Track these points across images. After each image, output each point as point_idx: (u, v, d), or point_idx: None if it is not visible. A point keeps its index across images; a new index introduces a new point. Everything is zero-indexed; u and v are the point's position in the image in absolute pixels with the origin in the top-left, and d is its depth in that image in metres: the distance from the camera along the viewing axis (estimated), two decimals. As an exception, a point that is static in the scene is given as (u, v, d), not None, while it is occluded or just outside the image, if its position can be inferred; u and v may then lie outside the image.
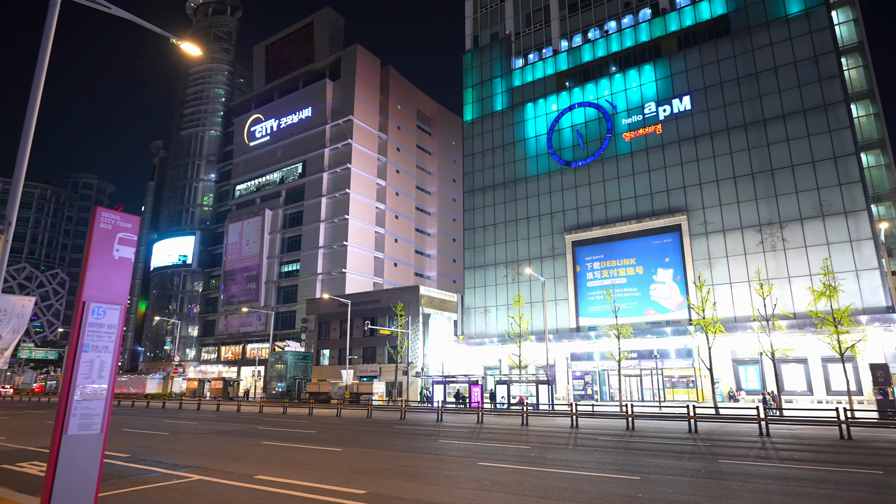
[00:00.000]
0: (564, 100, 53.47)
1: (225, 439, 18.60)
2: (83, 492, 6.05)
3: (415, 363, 52.19)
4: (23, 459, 13.66)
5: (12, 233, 10.34)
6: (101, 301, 6.40)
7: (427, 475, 11.53)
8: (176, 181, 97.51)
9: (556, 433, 21.38)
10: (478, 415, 28.28)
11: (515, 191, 54.70)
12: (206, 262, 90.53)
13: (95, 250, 6.43)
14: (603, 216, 48.78)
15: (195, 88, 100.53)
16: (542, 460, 13.72)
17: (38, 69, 10.44)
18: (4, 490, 9.15)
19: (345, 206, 73.28)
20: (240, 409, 38.33)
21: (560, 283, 49.77)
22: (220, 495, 9.41)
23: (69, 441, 5.97)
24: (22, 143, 10.18)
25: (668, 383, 43.08)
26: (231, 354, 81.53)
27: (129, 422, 26.55)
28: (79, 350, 6.18)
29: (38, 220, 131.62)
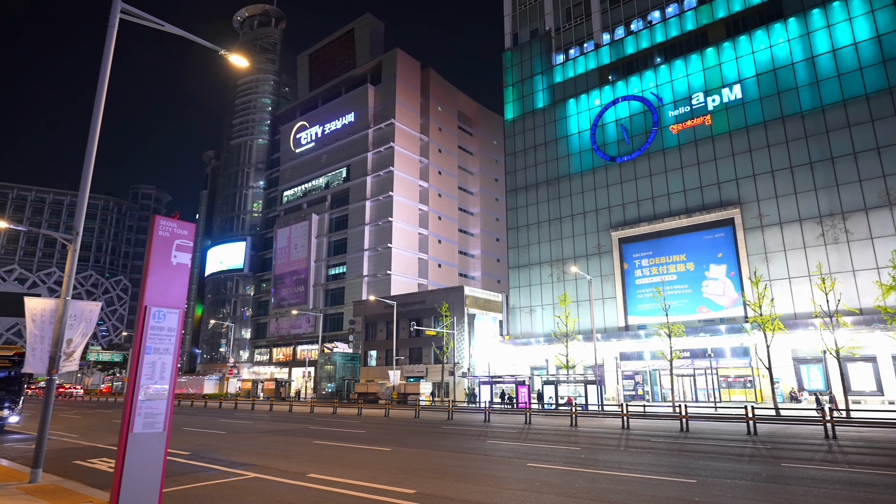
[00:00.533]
0: (608, 94, 52.39)
1: (278, 438, 19.13)
2: (148, 487, 6.35)
3: (461, 363, 52.25)
4: (93, 456, 14.46)
5: (79, 242, 10.96)
6: (160, 305, 6.71)
7: (476, 475, 11.52)
8: (227, 189, 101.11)
9: (606, 434, 20.95)
10: (525, 415, 28.04)
11: (559, 188, 53.97)
12: (257, 266, 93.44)
13: (155, 257, 6.74)
14: (650, 212, 47.50)
15: (243, 99, 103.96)
16: (593, 462, 13.47)
17: (99, 87, 11.02)
18: (78, 485, 9.70)
19: (388, 208, 74.14)
20: (292, 409, 39.35)
21: (607, 282, 48.77)
22: (274, 493, 9.68)
23: (135, 439, 6.28)
24: (86, 160, 10.78)
25: (723, 383, 41.52)
26: (282, 356, 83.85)
27: (189, 421, 27.68)
28: (142, 352, 6.49)
29: (102, 230, 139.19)
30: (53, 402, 10.41)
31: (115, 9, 11.10)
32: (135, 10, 11.36)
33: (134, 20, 11.40)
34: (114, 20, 11.07)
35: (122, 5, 11.19)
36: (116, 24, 11.10)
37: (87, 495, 8.75)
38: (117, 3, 11.15)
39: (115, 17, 11.08)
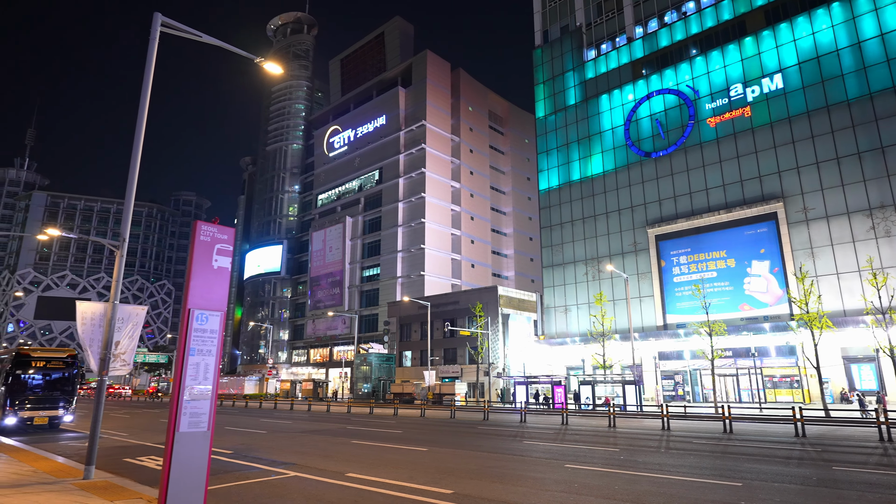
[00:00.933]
0: (641, 88, 51.38)
1: (317, 438, 19.44)
2: (194, 485, 6.55)
3: (496, 364, 52.05)
4: (142, 454, 15.00)
5: (126, 248, 11.40)
6: (203, 308, 6.91)
7: (513, 476, 11.46)
8: (263, 194, 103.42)
9: (645, 435, 20.53)
10: (562, 416, 27.74)
11: (593, 186, 53.21)
12: (294, 269, 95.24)
13: (197, 261, 6.95)
14: (688, 207, 46.34)
15: (277, 105, 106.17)
16: (633, 463, 13.22)
17: (141, 100, 11.42)
18: (128, 481, 10.08)
19: (421, 209, 74.49)
20: (329, 409, 39.95)
21: (644, 280, 47.81)
22: (314, 491, 9.84)
23: (181, 438, 6.49)
24: (131, 170, 11.20)
25: (768, 383, 40.16)
26: (319, 357, 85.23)
27: (231, 420, 28.42)
28: (186, 354, 6.70)
29: (146, 236, 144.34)
30: (104, 402, 10.85)
31: (156, 22, 11.50)
32: (175, 22, 11.74)
33: (174, 32, 11.79)
34: (155, 33, 11.46)
35: (162, 18, 11.58)
36: (157, 36, 11.49)
37: (137, 492, 9.08)
38: (158, 17, 11.55)
39: (156, 29, 11.48)
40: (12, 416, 20.65)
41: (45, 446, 16.42)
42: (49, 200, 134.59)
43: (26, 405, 21.15)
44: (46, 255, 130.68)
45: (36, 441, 18.05)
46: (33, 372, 21.75)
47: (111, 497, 8.61)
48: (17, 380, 21.28)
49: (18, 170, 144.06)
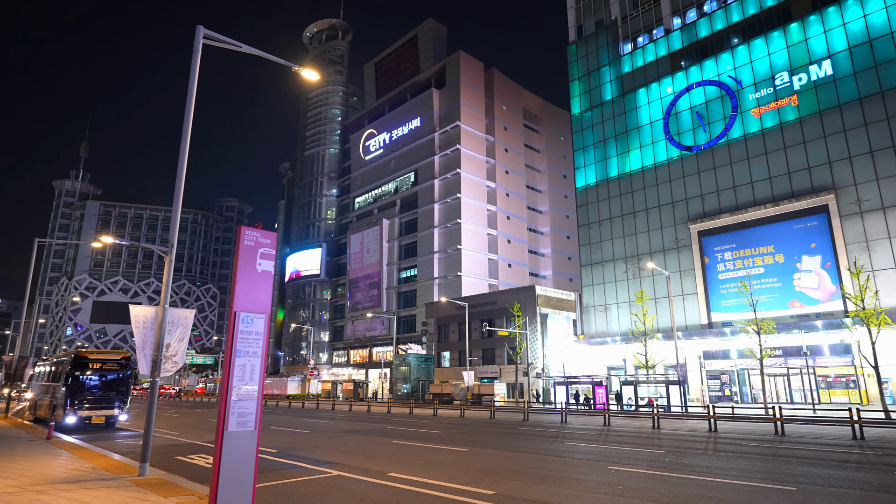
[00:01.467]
0: (681, 81, 50.06)
1: (359, 437, 19.71)
2: (243, 482, 6.74)
3: (535, 364, 51.62)
4: (192, 452, 15.53)
5: (174, 254, 11.82)
6: (248, 311, 7.11)
7: (555, 478, 11.33)
8: (302, 198, 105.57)
9: (691, 437, 19.98)
10: (604, 417, 27.28)
11: (631, 182, 52.15)
12: (333, 271, 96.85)
13: (242, 265, 7.15)
14: (732, 202, 44.87)
15: (314, 111, 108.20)
16: (679, 466, 12.89)
17: (186, 111, 11.83)
18: (180, 479, 10.46)
19: (456, 210, 74.57)
20: (370, 410, 40.43)
21: (687, 277, 46.56)
22: (357, 491, 9.98)
23: (230, 437, 6.69)
24: (177, 180, 11.61)
25: (822, 383, 38.46)
26: (359, 357, 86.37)
27: (275, 420, 29.10)
28: (233, 355, 6.90)
29: (192, 242, 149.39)
30: (157, 402, 11.27)
31: (199, 35, 11.89)
32: (216, 34, 12.11)
33: (215, 44, 12.17)
34: (198, 45, 11.86)
35: (204, 31, 11.97)
36: (200, 48, 11.88)
37: (189, 489, 9.40)
38: (200, 30, 11.94)
39: (199, 42, 11.87)
40: (72, 416, 21.71)
41: (103, 444, 17.19)
42: (102, 209, 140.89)
43: (85, 405, 22.20)
44: (100, 262, 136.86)
45: (94, 439, 18.91)
46: (90, 373, 22.81)
47: (165, 493, 8.94)
48: (76, 381, 22.36)
49: (73, 181, 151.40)
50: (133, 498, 8.64)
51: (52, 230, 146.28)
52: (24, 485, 9.80)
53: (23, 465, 12.21)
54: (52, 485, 9.83)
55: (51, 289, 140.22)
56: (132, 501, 8.37)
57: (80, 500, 8.45)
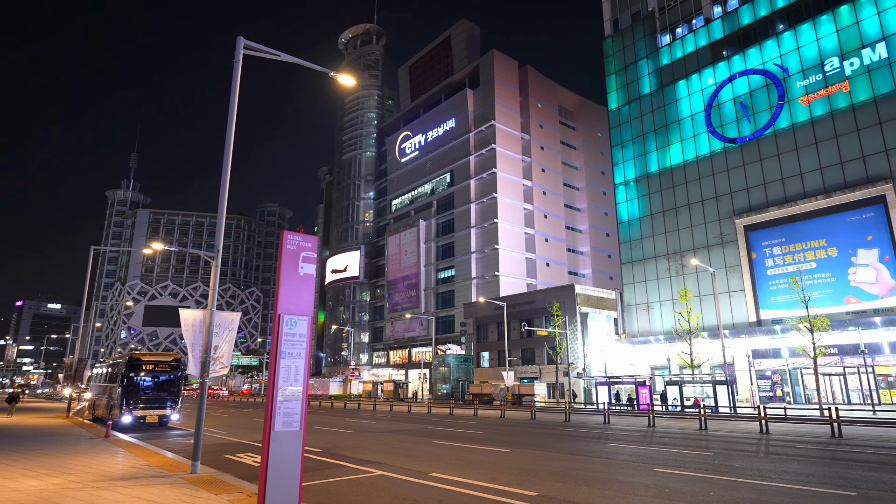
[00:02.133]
0: (723, 71, 48.50)
1: (400, 437, 19.88)
2: (290, 481, 6.90)
3: (575, 364, 50.92)
4: (240, 451, 15.99)
5: (220, 259, 12.20)
6: (292, 313, 7.28)
7: (599, 479, 11.15)
8: (340, 202, 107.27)
9: (741, 439, 19.33)
10: (648, 418, 26.68)
11: (672, 177, 50.82)
12: (371, 273, 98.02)
13: (285, 269, 7.33)
14: (780, 194, 43.17)
15: (351, 115, 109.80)
16: (729, 468, 12.48)
17: (229, 121, 12.18)
18: (230, 477, 10.79)
19: (493, 210, 74.31)
20: (410, 410, 40.71)
21: (733, 273, 45.04)
22: (400, 490, 10.07)
23: (276, 436, 6.86)
24: (222, 188, 11.97)
25: (882, 383, 36.54)
26: (398, 358, 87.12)
27: (318, 420, 29.66)
28: (278, 357, 7.08)
29: (235, 246, 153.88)
30: (206, 402, 11.66)
31: (240, 46, 12.25)
32: (256, 45, 12.45)
33: (255, 54, 12.50)
34: (238, 56, 12.21)
35: (244, 42, 12.32)
36: (241, 59, 12.23)
37: (238, 487, 9.69)
38: (241, 41, 12.30)
39: (240, 52, 12.22)
40: (128, 415, 22.69)
41: (156, 442, 17.90)
42: (151, 217, 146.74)
43: (139, 405, 23.17)
44: (151, 268, 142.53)
45: (148, 437, 19.70)
46: (144, 374, 23.78)
47: (216, 491, 9.24)
48: (131, 381, 23.36)
49: (125, 190, 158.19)
50: (186, 495, 8.96)
51: (106, 238, 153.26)
52: (85, 481, 10.30)
53: (84, 462, 12.83)
54: (111, 481, 10.29)
55: (106, 294, 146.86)
56: (185, 498, 8.68)
57: (137, 497, 8.82)
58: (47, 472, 11.22)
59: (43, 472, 11.33)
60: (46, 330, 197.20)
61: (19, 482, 10.10)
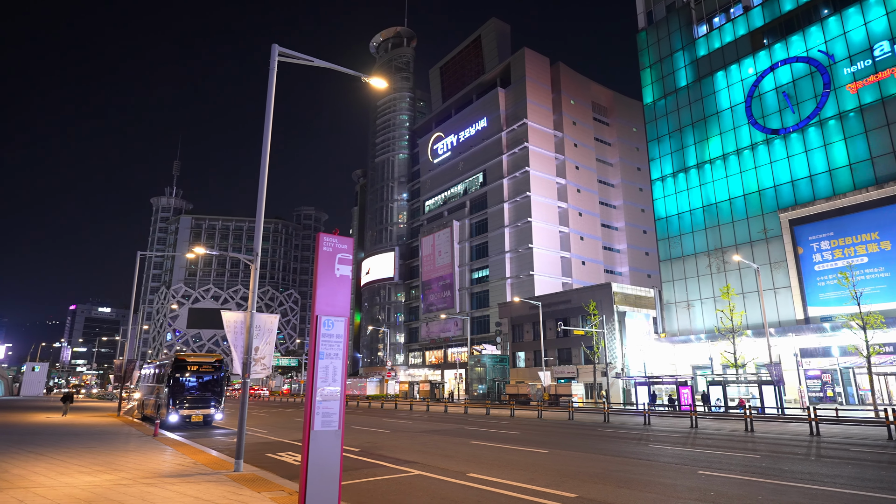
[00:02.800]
0: (763, 60, 46.87)
1: (437, 438, 19.93)
2: (329, 480, 7.00)
3: (613, 364, 50.05)
4: (281, 450, 16.32)
5: (259, 262, 12.48)
6: (329, 314, 7.38)
7: (640, 482, 10.92)
8: (374, 204, 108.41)
9: (790, 441, 18.63)
10: (690, 419, 26.00)
11: (712, 171, 49.40)
12: (406, 274, 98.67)
13: (321, 271, 7.44)
14: (828, 187, 41.43)
15: (383, 118, 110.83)
16: (778, 472, 12.04)
17: (265, 128, 12.45)
18: (271, 475, 11.02)
19: (527, 209, 73.77)
20: (447, 410, 40.79)
21: (778, 269, 43.47)
22: (438, 490, 10.09)
23: (316, 436, 6.97)
24: (259, 194, 12.25)
25: (943, 383, 34.62)
26: (434, 358, 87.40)
27: (356, 420, 30.02)
28: (316, 358, 7.19)
29: (273, 250, 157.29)
30: (248, 402, 11.95)
31: (274, 53, 12.50)
32: (290, 51, 12.69)
33: (290, 60, 12.75)
34: (273, 63, 12.47)
35: (279, 49, 12.57)
36: (276, 66, 12.48)
37: (280, 485, 9.89)
38: (275, 49, 12.56)
39: (275, 59, 12.48)
40: (175, 414, 23.45)
41: (201, 441, 18.44)
42: (193, 223, 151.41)
43: (185, 404, 23.92)
44: (194, 272, 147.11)
45: (193, 436, 20.32)
46: (189, 375, 24.54)
47: (258, 489, 9.45)
48: (177, 382, 24.14)
49: (168, 197, 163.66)
50: (230, 492, 9.20)
51: (151, 243, 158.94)
52: (136, 477, 10.70)
53: (134, 459, 13.33)
54: (159, 478, 10.66)
55: (152, 297, 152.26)
56: (229, 495, 8.91)
57: (185, 494, 9.10)
58: (101, 469, 11.70)
59: (97, 468, 11.81)
60: (98, 333, 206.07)
61: (75, 478, 10.56)
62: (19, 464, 12.36)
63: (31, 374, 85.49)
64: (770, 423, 26.42)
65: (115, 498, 8.73)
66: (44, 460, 12.97)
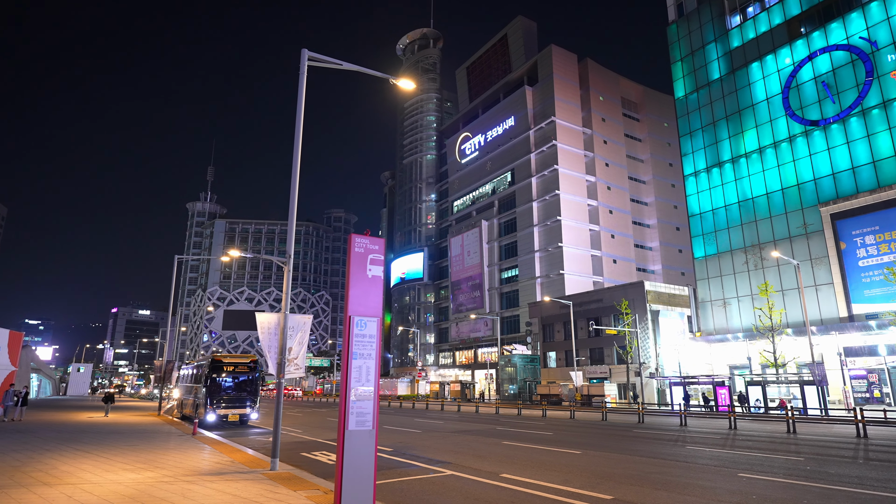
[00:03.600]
0: (801, 49, 45.37)
1: (469, 438, 19.89)
2: (364, 479, 7.05)
3: (647, 363, 49.13)
4: (315, 449, 16.54)
5: (292, 264, 12.67)
6: (362, 314, 7.44)
7: (678, 484, 10.67)
8: (403, 205, 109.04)
9: (835, 443, 17.96)
10: (728, 420, 25.32)
11: (747, 165, 48.05)
12: (435, 275, 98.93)
13: (354, 271, 7.50)
14: (872, 179, 39.83)
15: (411, 120, 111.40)
16: (824, 475, 11.62)
17: (296, 134, 12.62)
18: (306, 473, 11.18)
19: (556, 207, 73.09)
20: (478, 411, 40.70)
21: (819, 265, 41.99)
22: (471, 491, 10.05)
23: (350, 435, 7.03)
24: (291, 198, 12.43)
25: None
26: (464, 359, 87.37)
27: (388, 420, 30.20)
28: (350, 358, 7.25)
29: (305, 252, 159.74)
30: (283, 402, 12.13)
31: (304, 57, 12.68)
32: (319, 55, 12.84)
33: (319, 64, 12.90)
34: (303, 67, 12.64)
35: (308, 53, 12.74)
36: (306, 70, 12.65)
37: (315, 483, 10.02)
38: (305, 53, 12.73)
39: (304, 64, 12.65)
40: (212, 413, 24.02)
41: (238, 440, 18.83)
42: (227, 227, 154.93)
43: (222, 404, 24.47)
44: (228, 275, 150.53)
45: (230, 435, 20.77)
46: (225, 375, 25.09)
47: (295, 487, 9.59)
48: (214, 382, 24.71)
49: (203, 202, 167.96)
50: (267, 490, 9.36)
51: (187, 248, 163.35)
52: (177, 475, 10.99)
53: (175, 457, 13.69)
54: (198, 476, 10.92)
55: (189, 300, 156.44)
56: (267, 494, 9.06)
57: (223, 491, 9.30)
58: (143, 467, 12.05)
59: (139, 466, 12.18)
60: (138, 334, 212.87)
61: (120, 475, 10.91)
62: (67, 461, 12.83)
63: (76, 375, 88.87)
64: (813, 425, 25.54)
65: (158, 495, 8.97)
66: (90, 458, 13.44)
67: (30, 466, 11.90)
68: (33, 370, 64.79)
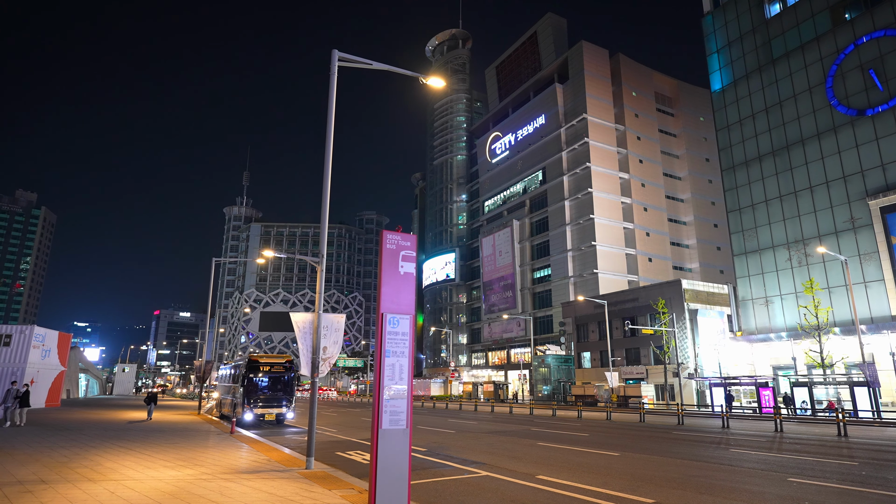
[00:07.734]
0: (845, 36, 43.50)
1: (503, 439, 19.67)
2: (398, 478, 6.96)
3: (685, 364, 47.86)
4: (349, 448, 16.60)
5: (325, 264, 12.72)
6: (394, 312, 7.36)
7: (723, 488, 10.26)
8: (434, 206, 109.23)
9: (891, 448, 17.05)
10: (774, 422, 24.37)
11: (790, 158, 46.33)
12: (467, 275, 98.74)
13: (386, 268, 7.43)
14: (926, 169, 37.83)
15: (441, 121, 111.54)
16: (881, 481, 11.00)
17: (327, 137, 12.66)
18: (341, 473, 11.18)
19: (588, 205, 72.01)
20: (512, 411, 40.35)
21: (868, 261, 40.14)
22: (507, 492, 9.87)
23: (384, 434, 6.95)
24: (323, 201, 12.48)
25: None
26: (497, 359, 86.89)
27: (422, 420, 30.19)
28: (382, 356, 7.18)
29: (338, 254, 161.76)
30: (318, 402, 12.18)
31: (334, 58, 12.72)
32: (349, 56, 12.87)
33: (349, 65, 12.93)
34: (334, 67, 12.68)
35: (339, 54, 12.78)
36: (336, 70, 12.69)
37: (349, 483, 10.00)
38: (335, 54, 12.77)
39: (335, 64, 12.69)
40: (249, 413, 24.43)
41: (274, 439, 19.07)
42: (262, 230, 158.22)
43: (259, 403, 24.87)
44: (264, 277, 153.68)
45: (267, 434, 21.07)
46: (262, 375, 25.50)
47: (329, 486, 9.59)
48: (251, 382, 25.14)
49: (239, 207, 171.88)
50: (303, 489, 9.38)
51: (225, 251, 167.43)
52: (215, 473, 11.15)
53: (213, 455, 13.92)
54: (236, 474, 11.05)
55: (227, 302, 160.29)
56: (302, 492, 9.08)
57: (260, 489, 9.37)
58: (183, 464, 12.28)
59: (179, 463, 12.42)
60: (179, 336, 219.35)
61: (160, 472, 11.14)
62: (111, 457, 13.19)
63: (121, 375, 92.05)
64: (865, 428, 24.37)
65: (197, 492, 9.09)
66: (132, 455, 13.79)
67: (76, 462, 12.26)
68: (81, 370, 67.36)
